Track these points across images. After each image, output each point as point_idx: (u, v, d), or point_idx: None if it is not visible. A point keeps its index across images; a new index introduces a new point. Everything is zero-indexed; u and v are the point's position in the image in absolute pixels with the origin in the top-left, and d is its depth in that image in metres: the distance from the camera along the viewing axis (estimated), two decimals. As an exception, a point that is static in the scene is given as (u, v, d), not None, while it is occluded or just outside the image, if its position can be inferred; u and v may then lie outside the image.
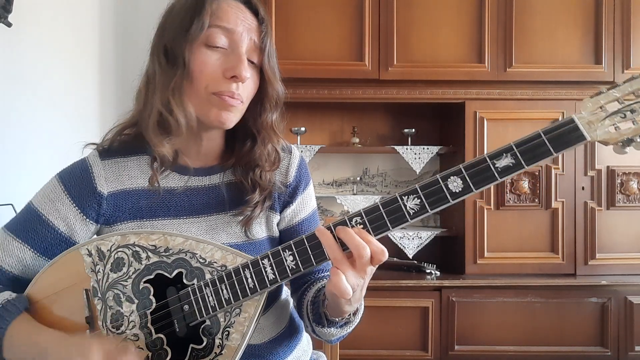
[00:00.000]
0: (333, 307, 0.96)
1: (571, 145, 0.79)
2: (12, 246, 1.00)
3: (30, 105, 1.96)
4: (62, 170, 1.06)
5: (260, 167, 1.08)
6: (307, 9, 2.69)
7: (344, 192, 3.15)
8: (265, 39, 1.03)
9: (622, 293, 2.62)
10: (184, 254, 0.94)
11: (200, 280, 0.92)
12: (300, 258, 0.87)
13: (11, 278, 1.00)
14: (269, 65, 1.05)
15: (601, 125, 0.79)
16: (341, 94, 2.75)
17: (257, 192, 1.08)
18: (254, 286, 0.89)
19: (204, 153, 1.10)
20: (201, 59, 0.98)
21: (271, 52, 1.05)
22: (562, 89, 2.70)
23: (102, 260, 0.96)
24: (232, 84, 0.98)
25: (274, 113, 1.10)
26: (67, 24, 2.25)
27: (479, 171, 0.81)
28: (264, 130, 1.09)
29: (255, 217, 1.08)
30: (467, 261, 2.70)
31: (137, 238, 0.96)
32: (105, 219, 1.04)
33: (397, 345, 2.62)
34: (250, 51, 1.02)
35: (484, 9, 2.69)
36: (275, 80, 1.07)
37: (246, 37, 1.00)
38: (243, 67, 0.98)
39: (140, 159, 1.07)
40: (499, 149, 0.81)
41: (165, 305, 0.93)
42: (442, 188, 0.82)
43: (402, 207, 0.83)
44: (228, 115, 1.01)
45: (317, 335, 1.10)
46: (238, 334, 0.91)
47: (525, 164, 0.80)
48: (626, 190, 2.69)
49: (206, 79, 0.98)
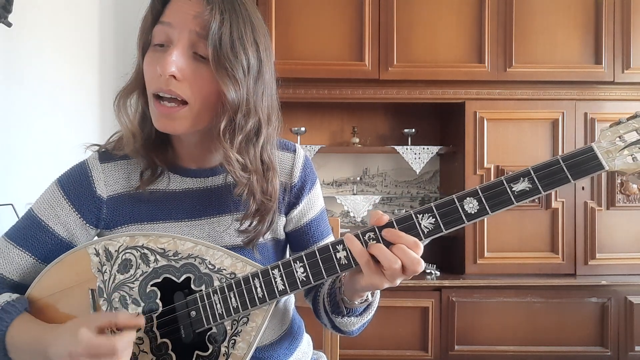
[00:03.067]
0: (350, 290, 0.95)
1: (589, 174, 0.79)
2: (13, 254, 0.99)
3: (30, 105, 1.96)
4: (62, 175, 1.05)
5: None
6: (307, 9, 2.68)
7: (344, 192, 3.15)
8: (211, 25, 0.88)
9: (622, 293, 2.62)
10: (193, 259, 0.93)
11: (208, 286, 0.91)
12: (311, 270, 0.87)
13: (12, 285, 0.99)
14: (217, 56, 0.89)
15: (619, 156, 0.79)
16: (341, 94, 2.74)
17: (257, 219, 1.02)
18: (262, 296, 0.88)
19: (197, 155, 1.06)
20: (146, 61, 0.95)
21: (224, 41, 0.89)
22: (562, 89, 2.71)
23: (109, 261, 0.95)
24: (161, 79, 0.90)
25: (224, 119, 0.93)
26: (67, 23, 2.25)
27: (496, 194, 0.80)
28: (220, 139, 0.93)
29: (259, 237, 1.04)
30: (467, 261, 2.70)
31: (146, 240, 0.95)
32: (105, 223, 1.03)
33: (397, 345, 2.62)
34: (195, 43, 0.91)
35: (484, 9, 2.69)
36: (227, 79, 0.90)
37: (185, 28, 0.90)
38: (167, 58, 0.88)
39: (140, 162, 1.05)
40: (517, 173, 0.80)
41: (172, 310, 0.92)
42: (457, 208, 0.81)
43: (416, 225, 0.83)
44: (168, 122, 0.93)
45: (338, 328, 1.08)
46: (244, 343, 0.90)
47: (542, 189, 0.79)
48: (626, 190, 2.69)
49: (147, 79, 0.94)
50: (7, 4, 1.69)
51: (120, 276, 0.94)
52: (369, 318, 1.06)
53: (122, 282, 0.94)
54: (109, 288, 0.94)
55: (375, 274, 0.83)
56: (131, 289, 0.93)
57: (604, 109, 2.72)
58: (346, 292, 0.98)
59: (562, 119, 2.70)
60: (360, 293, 0.95)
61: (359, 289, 0.91)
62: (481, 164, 2.70)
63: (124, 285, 0.93)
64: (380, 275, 0.83)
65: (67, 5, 2.24)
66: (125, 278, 0.94)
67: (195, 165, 1.07)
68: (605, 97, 2.72)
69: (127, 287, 0.93)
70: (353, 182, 3.16)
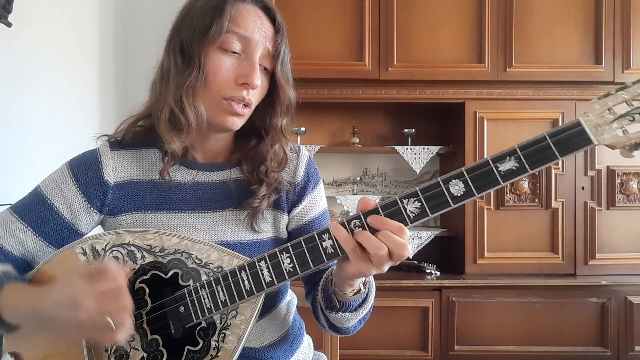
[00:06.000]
0: (340, 279, 0.95)
1: (577, 149, 0.76)
2: (15, 227, 1.01)
3: (30, 105, 1.96)
4: (73, 158, 1.08)
5: (266, 166, 1.09)
6: (308, 9, 2.69)
7: (344, 192, 3.16)
8: (280, 46, 1.05)
9: (622, 293, 2.62)
10: (179, 254, 0.94)
11: (196, 281, 0.92)
12: (297, 261, 0.86)
13: (10, 259, 1.01)
14: (282, 71, 1.06)
15: (609, 129, 0.76)
16: (341, 94, 2.75)
17: (264, 186, 1.08)
18: (250, 288, 0.88)
19: (211, 150, 1.11)
20: (215, 63, 0.99)
21: (285, 59, 1.07)
22: (562, 89, 2.70)
23: (96, 259, 0.96)
24: (243, 90, 1.01)
25: (285, 118, 1.12)
26: (67, 23, 2.25)
27: (482, 175, 0.79)
28: (273, 131, 1.11)
29: (261, 211, 1.08)
30: (467, 261, 2.70)
31: (132, 237, 0.96)
32: (109, 209, 1.05)
33: (397, 345, 2.62)
34: (263, 57, 1.04)
35: (484, 9, 2.69)
36: (287, 86, 1.08)
37: (261, 45, 1.02)
38: (255, 75, 1.00)
39: (149, 152, 1.09)
40: (503, 152, 0.79)
41: (161, 306, 0.93)
42: (443, 191, 0.80)
43: (401, 210, 0.82)
44: (235, 120, 1.03)
45: (334, 326, 1.08)
46: (234, 336, 0.90)
47: (529, 168, 0.78)
48: (626, 190, 2.69)
49: (219, 84, 1.00)
50: (7, 4, 1.69)
51: None
52: (365, 314, 1.06)
53: None
54: None
55: (362, 261, 0.83)
56: None
57: (604, 109, 2.70)
58: (336, 282, 0.98)
59: (562, 119, 2.70)
60: (350, 282, 0.95)
61: (347, 276, 0.91)
62: (481, 164, 2.69)
63: None
64: (367, 262, 0.83)
65: (67, 5, 2.25)
66: None
67: (205, 159, 1.11)
68: (605, 97, 2.71)
69: None
70: (353, 182, 3.16)
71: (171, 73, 1.01)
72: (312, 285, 1.17)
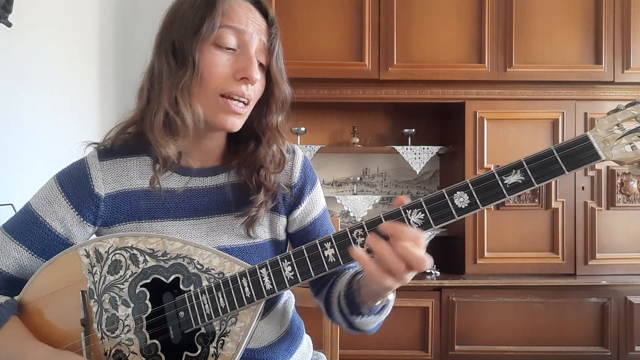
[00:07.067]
0: (368, 295, 0.93)
1: (584, 164, 0.75)
2: (9, 247, 0.99)
3: (30, 105, 1.96)
4: (60, 172, 1.05)
5: (265, 169, 1.07)
6: (307, 9, 2.68)
7: (344, 192, 3.15)
8: (274, 40, 1.03)
9: (622, 293, 2.62)
10: (181, 259, 0.93)
11: (197, 286, 0.91)
12: (299, 269, 0.86)
13: (8, 279, 1.00)
14: (277, 66, 1.05)
15: (617, 144, 0.75)
16: (341, 94, 2.75)
17: (262, 193, 1.06)
18: (250, 295, 0.88)
19: (205, 152, 1.08)
20: (210, 60, 0.97)
21: (279, 54, 1.06)
22: (562, 89, 2.70)
23: (99, 262, 0.95)
24: (241, 85, 0.99)
25: (280, 115, 1.09)
26: (67, 24, 2.25)
27: (487, 187, 0.78)
28: (269, 131, 1.08)
29: (259, 218, 1.06)
30: (467, 261, 2.70)
31: (135, 241, 0.95)
32: (103, 220, 1.03)
33: (397, 345, 2.62)
34: (259, 52, 1.02)
35: (484, 9, 2.69)
36: (282, 82, 1.07)
37: (256, 38, 1.00)
38: (254, 68, 0.98)
39: (140, 160, 1.05)
40: (509, 165, 0.78)
41: (161, 311, 0.92)
42: (447, 203, 0.79)
43: (405, 220, 0.81)
44: (234, 121, 1.01)
45: (355, 326, 1.05)
46: (233, 343, 0.90)
47: (535, 181, 0.76)
48: (626, 190, 2.69)
49: (215, 80, 0.97)
50: (7, 4, 1.69)
51: (111, 277, 0.94)
52: (386, 314, 1.04)
53: (112, 283, 0.93)
54: (99, 289, 0.94)
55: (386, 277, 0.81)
56: (121, 290, 0.93)
57: (604, 109, 2.66)
58: (364, 296, 0.95)
59: (562, 119, 2.70)
60: (382, 294, 0.91)
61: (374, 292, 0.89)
62: (481, 164, 2.70)
63: (114, 286, 0.93)
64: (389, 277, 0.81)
65: (67, 5, 2.25)
66: (115, 279, 0.94)
67: (199, 163, 1.08)
68: (605, 97, 2.72)
69: (117, 288, 0.93)
70: (353, 182, 3.16)
71: (164, 75, 0.98)
72: (320, 285, 1.15)
